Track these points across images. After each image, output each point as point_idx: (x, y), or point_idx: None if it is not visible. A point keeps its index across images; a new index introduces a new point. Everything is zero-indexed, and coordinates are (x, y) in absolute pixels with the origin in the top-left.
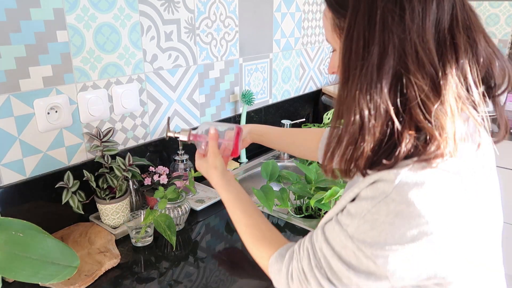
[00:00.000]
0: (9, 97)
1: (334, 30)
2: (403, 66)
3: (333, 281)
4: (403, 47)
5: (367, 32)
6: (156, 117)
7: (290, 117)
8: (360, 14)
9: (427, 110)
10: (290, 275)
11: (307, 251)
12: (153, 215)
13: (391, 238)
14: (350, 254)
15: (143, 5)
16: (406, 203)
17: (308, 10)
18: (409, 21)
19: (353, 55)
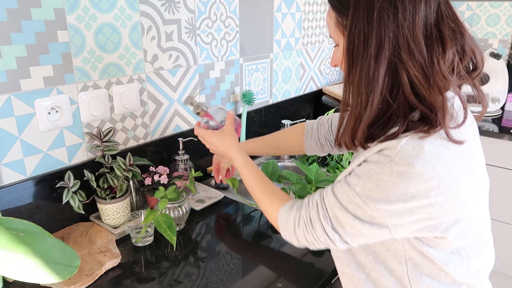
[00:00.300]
0: (10, 97)
1: (337, 27)
2: (397, 56)
3: (337, 229)
4: (397, 40)
5: (366, 28)
6: (156, 117)
7: (290, 117)
8: (360, 13)
9: (419, 92)
10: (297, 222)
11: (316, 203)
12: (153, 215)
13: (393, 195)
14: (355, 208)
15: (144, 5)
16: (407, 165)
17: (309, 10)
18: (401, 18)
19: (355, 47)
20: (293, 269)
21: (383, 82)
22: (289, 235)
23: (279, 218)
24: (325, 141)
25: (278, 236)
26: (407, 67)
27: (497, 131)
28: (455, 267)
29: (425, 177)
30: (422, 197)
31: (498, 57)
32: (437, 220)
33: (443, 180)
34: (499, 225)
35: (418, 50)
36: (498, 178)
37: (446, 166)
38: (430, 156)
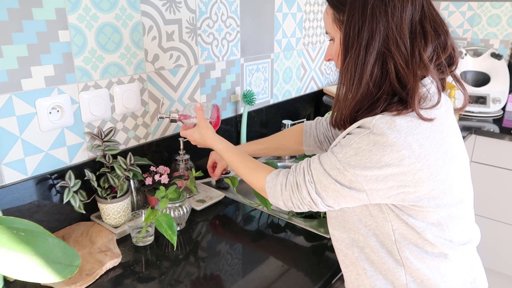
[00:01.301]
0: (11, 96)
1: (334, 23)
2: (386, 47)
3: (320, 193)
4: (386, 33)
5: (360, 22)
6: (157, 117)
7: (291, 117)
8: (355, 9)
9: (401, 78)
10: (284, 186)
11: (303, 169)
12: (154, 215)
13: (370, 162)
14: (337, 173)
15: (145, 5)
16: (381, 135)
17: (310, 11)
18: (391, 14)
19: (350, 39)
20: (294, 269)
21: (371, 69)
22: (276, 199)
23: (266, 184)
24: (324, 138)
25: (278, 236)
26: (394, 57)
27: (498, 131)
28: (435, 237)
29: (397, 146)
30: (395, 165)
31: (499, 57)
32: (410, 188)
33: (414, 150)
34: (499, 225)
35: (403, 42)
36: (498, 178)
37: (417, 138)
38: (401, 128)
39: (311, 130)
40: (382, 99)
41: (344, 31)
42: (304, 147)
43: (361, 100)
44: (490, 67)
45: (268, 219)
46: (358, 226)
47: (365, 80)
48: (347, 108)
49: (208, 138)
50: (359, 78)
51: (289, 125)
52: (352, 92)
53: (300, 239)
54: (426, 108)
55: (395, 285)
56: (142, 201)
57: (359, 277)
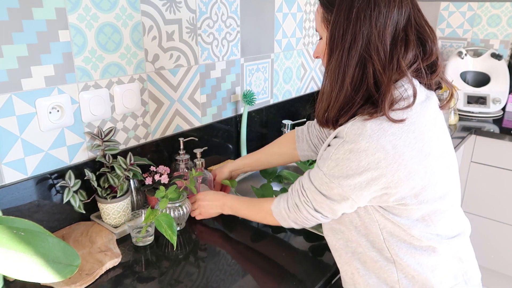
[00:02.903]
0: (11, 96)
1: (323, 22)
2: (367, 52)
3: (318, 209)
4: (368, 38)
5: (345, 24)
6: (157, 117)
7: (291, 117)
8: (342, 10)
9: (378, 83)
10: (288, 210)
11: (297, 191)
12: (154, 215)
13: (350, 169)
14: (326, 188)
15: (145, 5)
16: (354, 142)
17: (310, 11)
18: (375, 19)
19: (335, 40)
20: (294, 269)
21: (353, 72)
22: (287, 223)
23: (274, 214)
24: (318, 141)
25: (278, 236)
26: (373, 62)
27: (498, 132)
28: (422, 233)
29: (371, 150)
30: (373, 168)
31: (499, 57)
32: (392, 189)
33: (388, 152)
34: (499, 226)
35: (383, 48)
36: (498, 179)
37: (389, 139)
38: (372, 132)
39: (303, 135)
40: (357, 102)
41: (330, 31)
42: (298, 152)
43: (342, 102)
44: (490, 67)
45: None
46: (349, 228)
47: (346, 83)
48: (330, 107)
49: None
50: (341, 80)
51: (289, 125)
52: (334, 93)
53: (300, 239)
54: (398, 109)
55: (388, 282)
56: (142, 201)
57: (353, 276)
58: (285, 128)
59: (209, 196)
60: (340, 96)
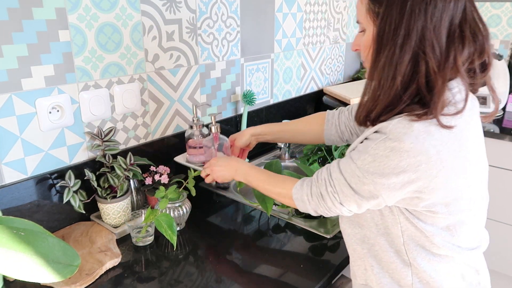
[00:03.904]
0: (11, 96)
1: (368, 14)
2: (421, 48)
3: (343, 203)
4: (423, 33)
5: (397, 19)
6: (157, 117)
7: (291, 117)
8: (394, 4)
9: (430, 82)
10: (310, 197)
11: (325, 180)
12: (154, 215)
13: (387, 168)
14: (357, 182)
15: (145, 5)
16: (398, 141)
17: (310, 11)
18: (431, 14)
19: (385, 34)
20: (294, 269)
21: (404, 70)
22: (305, 208)
23: (293, 196)
24: (345, 128)
25: (278, 236)
26: (427, 59)
27: (498, 132)
28: (444, 242)
29: (414, 152)
30: (411, 171)
31: (499, 57)
32: (425, 194)
33: (431, 156)
34: (499, 226)
35: (439, 44)
36: (498, 179)
37: (434, 144)
38: (419, 133)
39: (333, 119)
40: (403, 101)
41: (379, 25)
42: (324, 136)
43: (390, 100)
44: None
45: (268, 219)
46: (370, 224)
47: (397, 81)
48: (376, 106)
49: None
50: (392, 77)
51: None
52: (383, 91)
53: (300, 239)
54: (447, 114)
55: (401, 284)
56: (142, 201)
57: (366, 272)
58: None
59: (222, 161)
60: (389, 94)
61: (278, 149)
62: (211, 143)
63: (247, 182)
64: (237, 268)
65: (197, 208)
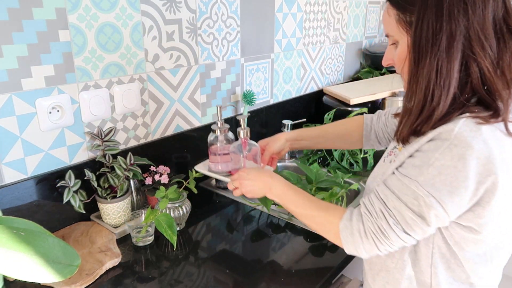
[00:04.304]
0: (11, 96)
1: (399, 24)
2: (470, 49)
3: (408, 232)
4: (468, 33)
5: (435, 23)
6: (157, 117)
7: (291, 117)
8: (428, 9)
9: (486, 83)
10: (364, 235)
11: (381, 211)
12: (154, 215)
13: (456, 180)
14: (421, 204)
15: (145, 5)
16: (466, 147)
17: (310, 11)
18: (471, 12)
19: (423, 42)
20: (293, 269)
21: (457, 74)
22: (355, 248)
23: (341, 233)
24: (383, 134)
25: (278, 236)
26: (479, 59)
27: None
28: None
29: (483, 159)
30: (480, 182)
31: None
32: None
33: (498, 165)
34: None
35: (488, 43)
36: None
37: (500, 151)
38: (487, 138)
39: (372, 124)
40: (460, 106)
41: (414, 34)
42: (364, 140)
43: (446, 110)
44: None
45: (268, 219)
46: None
47: (452, 87)
48: (428, 119)
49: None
50: (445, 85)
51: (289, 125)
52: (436, 102)
53: (300, 239)
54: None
55: None
56: (142, 201)
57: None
58: (285, 128)
59: (253, 174)
60: (445, 103)
61: None
62: (239, 149)
63: (281, 204)
64: (237, 268)
65: (197, 208)
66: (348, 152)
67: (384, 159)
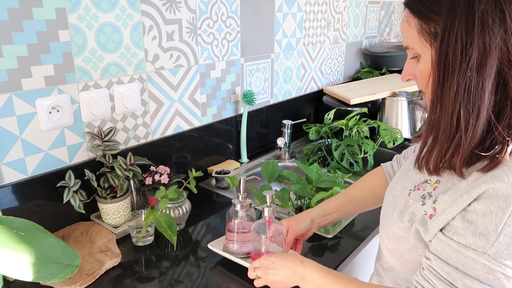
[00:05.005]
0: (11, 96)
1: (422, 36)
2: (507, 65)
3: None
4: (507, 47)
5: (464, 35)
6: (157, 117)
7: (291, 117)
8: (457, 18)
9: None
10: None
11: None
12: (154, 215)
13: None
14: (499, 277)
15: (145, 5)
16: None
17: (310, 11)
18: (509, 21)
19: (450, 58)
20: None
21: (489, 96)
22: None
23: None
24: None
25: None
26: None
27: None
28: None
29: None
30: None
31: None
32: None
33: None
34: None
35: None
36: None
37: None
38: None
39: (394, 171)
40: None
41: (440, 48)
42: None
43: (479, 138)
44: None
45: None
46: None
47: (484, 112)
48: (457, 150)
49: (297, 261)
50: (475, 111)
51: (289, 125)
52: (456, 132)
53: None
54: None
55: None
56: (142, 201)
57: None
58: (285, 128)
59: (279, 262)
60: (476, 130)
61: (278, 149)
62: (261, 229)
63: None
64: (237, 268)
65: (197, 208)
66: (348, 152)
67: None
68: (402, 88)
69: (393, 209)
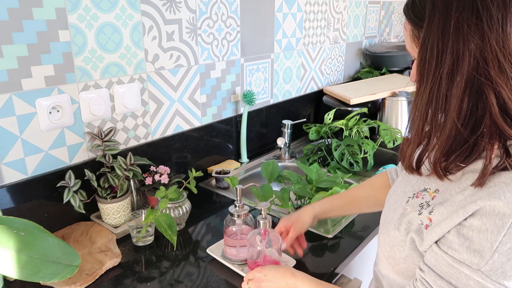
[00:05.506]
0: (11, 96)
1: (413, 41)
2: (483, 74)
3: None
4: (482, 55)
5: (440, 42)
6: (157, 117)
7: (291, 117)
8: (434, 25)
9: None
10: None
11: None
12: (154, 215)
13: None
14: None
15: (145, 5)
16: None
17: (310, 11)
18: (487, 29)
19: (426, 64)
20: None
21: (458, 104)
22: None
23: None
24: None
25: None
26: (497, 86)
27: None
28: None
29: None
30: None
31: None
32: None
33: None
34: None
35: (509, 65)
36: None
37: None
38: None
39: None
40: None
41: (419, 53)
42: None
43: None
44: None
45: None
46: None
47: (450, 119)
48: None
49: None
50: (443, 116)
51: (289, 125)
52: (435, 132)
53: None
54: None
55: None
56: (142, 201)
57: None
58: (285, 128)
59: (272, 275)
60: (444, 136)
61: (278, 149)
62: (257, 240)
63: None
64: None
65: (197, 208)
66: (348, 152)
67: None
68: (402, 88)
69: (392, 215)
